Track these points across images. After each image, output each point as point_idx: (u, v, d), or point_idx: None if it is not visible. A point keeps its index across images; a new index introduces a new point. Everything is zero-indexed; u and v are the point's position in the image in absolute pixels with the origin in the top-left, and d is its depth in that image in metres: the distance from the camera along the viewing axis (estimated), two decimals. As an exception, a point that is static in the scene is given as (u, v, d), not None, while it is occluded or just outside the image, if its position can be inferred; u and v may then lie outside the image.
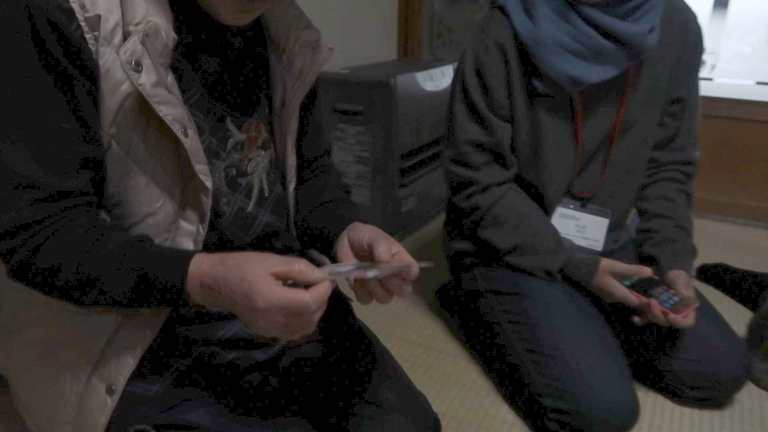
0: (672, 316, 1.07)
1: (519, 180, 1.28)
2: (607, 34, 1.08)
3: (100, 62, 0.65)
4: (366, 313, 0.99)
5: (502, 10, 1.18)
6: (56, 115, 0.64)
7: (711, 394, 1.19)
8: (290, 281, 0.63)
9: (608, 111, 1.21)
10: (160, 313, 0.76)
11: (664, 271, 1.18)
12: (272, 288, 0.61)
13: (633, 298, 1.11)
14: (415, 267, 0.69)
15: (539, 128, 1.20)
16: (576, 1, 1.08)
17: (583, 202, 1.27)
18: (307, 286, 0.63)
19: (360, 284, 0.71)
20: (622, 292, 1.12)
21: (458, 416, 1.21)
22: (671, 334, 1.18)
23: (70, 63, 0.63)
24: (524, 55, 1.15)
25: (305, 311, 0.62)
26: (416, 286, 1.73)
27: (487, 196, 1.24)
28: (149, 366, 0.77)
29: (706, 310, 1.22)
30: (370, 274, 0.64)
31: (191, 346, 0.81)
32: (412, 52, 2.71)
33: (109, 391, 0.74)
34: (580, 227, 1.26)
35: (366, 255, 0.75)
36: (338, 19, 2.27)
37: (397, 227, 2.07)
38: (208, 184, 0.72)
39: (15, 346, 0.82)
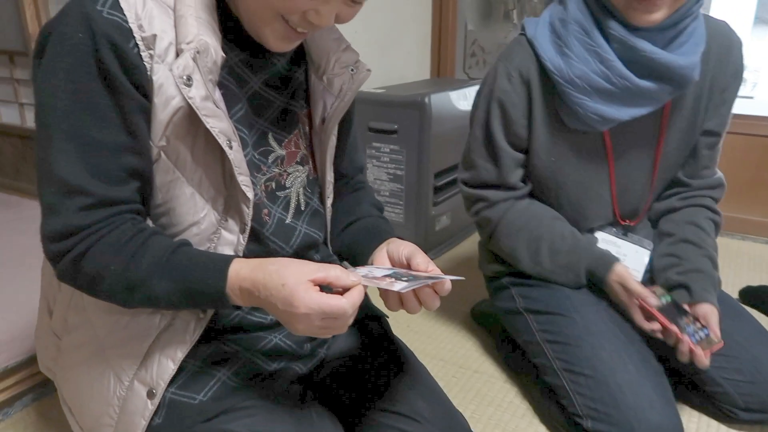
0: (698, 353, 1.04)
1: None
2: (649, 70, 1.03)
3: (154, 78, 0.69)
4: (400, 331, 1.00)
5: (530, 42, 1.14)
6: (109, 128, 0.68)
7: (765, 417, 1.15)
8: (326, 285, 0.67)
9: (645, 146, 1.18)
10: (200, 319, 0.78)
11: (695, 301, 1.13)
12: (312, 294, 0.65)
13: (658, 321, 1.08)
14: (447, 281, 0.72)
15: (564, 165, 1.18)
16: (628, 26, 1.01)
17: (625, 230, 1.25)
18: (342, 290, 0.67)
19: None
20: (634, 310, 1.11)
21: (494, 437, 1.19)
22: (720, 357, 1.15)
23: (125, 78, 0.67)
24: (550, 89, 1.13)
25: (342, 315, 0.66)
26: (451, 304, 1.72)
27: (497, 210, 1.23)
28: (194, 376, 0.79)
29: (757, 331, 1.19)
30: (398, 287, 0.67)
31: (234, 357, 0.82)
32: (445, 72, 2.73)
33: (150, 395, 0.77)
34: (621, 255, 1.24)
35: (403, 267, 0.78)
36: (374, 39, 2.30)
37: (430, 245, 2.07)
38: (250, 194, 0.75)
39: (64, 348, 0.85)
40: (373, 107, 1.99)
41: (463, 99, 2.10)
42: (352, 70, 0.86)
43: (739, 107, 2.21)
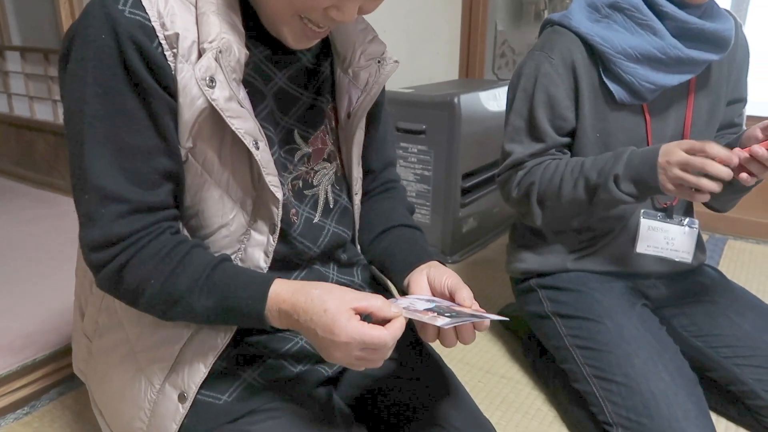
0: None
1: None
2: (694, 39, 1.08)
3: (179, 78, 0.67)
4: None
5: (563, 25, 1.17)
6: (140, 130, 0.67)
7: None
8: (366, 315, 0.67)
9: (677, 116, 1.19)
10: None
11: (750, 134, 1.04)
12: (354, 324, 0.64)
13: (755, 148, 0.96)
14: (487, 321, 0.71)
15: (609, 138, 1.17)
16: (675, 3, 1.07)
17: (667, 212, 1.22)
18: (383, 320, 0.66)
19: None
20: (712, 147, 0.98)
21: (521, 445, 1.16)
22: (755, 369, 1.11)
23: (152, 79, 0.66)
24: (595, 64, 1.14)
25: (382, 347, 0.65)
26: (476, 308, 1.69)
27: (533, 171, 1.18)
28: (220, 376, 0.78)
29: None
30: (440, 322, 0.66)
31: (260, 358, 0.81)
32: (474, 73, 2.70)
33: (181, 398, 0.76)
34: (669, 239, 1.21)
35: (444, 298, 0.78)
36: (403, 39, 2.29)
37: (457, 247, 2.04)
38: (279, 195, 0.73)
39: (95, 351, 0.85)
40: (402, 107, 1.98)
41: (493, 100, 2.07)
42: (379, 62, 0.84)
43: (760, 109, 2.15)
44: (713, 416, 1.20)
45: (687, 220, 1.21)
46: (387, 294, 0.96)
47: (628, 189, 1.06)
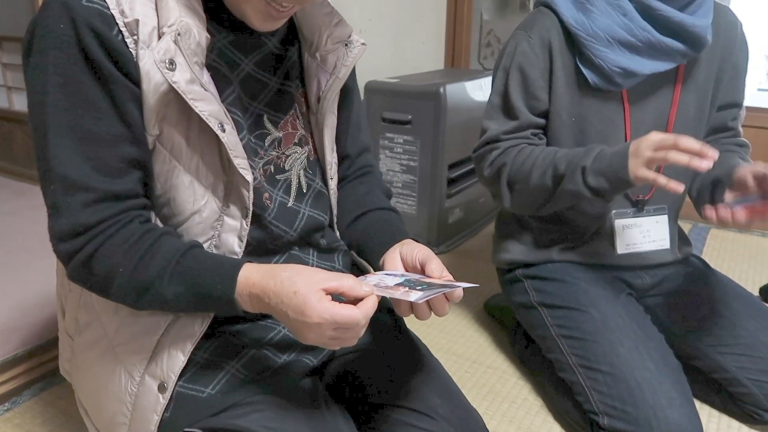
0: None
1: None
2: (666, 29, 1.06)
3: (141, 64, 0.67)
4: (413, 324, 0.97)
5: (548, 6, 1.16)
6: (103, 119, 0.67)
7: None
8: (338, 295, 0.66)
9: (659, 109, 1.17)
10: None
11: (727, 182, 1.05)
12: (325, 304, 0.64)
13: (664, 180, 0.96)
14: (460, 289, 0.71)
15: (585, 124, 1.16)
16: None
17: (640, 206, 1.22)
18: (355, 300, 0.66)
19: None
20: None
21: (508, 434, 1.16)
22: (745, 359, 1.12)
23: (113, 66, 0.66)
24: (572, 47, 1.13)
25: (355, 326, 0.65)
26: (464, 298, 1.68)
27: (508, 152, 1.17)
28: (202, 369, 0.78)
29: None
30: (413, 297, 0.67)
31: (243, 348, 0.81)
32: (460, 62, 2.69)
33: (161, 388, 0.75)
34: (644, 232, 1.22)
35: (416, 272, 0.78)
36: (388, 28, 2.27)
37: (443, 238, 2.04)
38: (248, 177, 0.74)
39: (77, 348, 0.84)
40: (387, 97, 1.96)
41: (479, 89, 2.07)
42: (346, 45, 0.84)
43: (758, 100, 2.17)
44: (697, 404, 1.22)
45: (656, 209, 1.22)
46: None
47: (595, 182, 1.04)
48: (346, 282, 0.66)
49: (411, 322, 0.94)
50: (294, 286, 0.65)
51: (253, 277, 0.68)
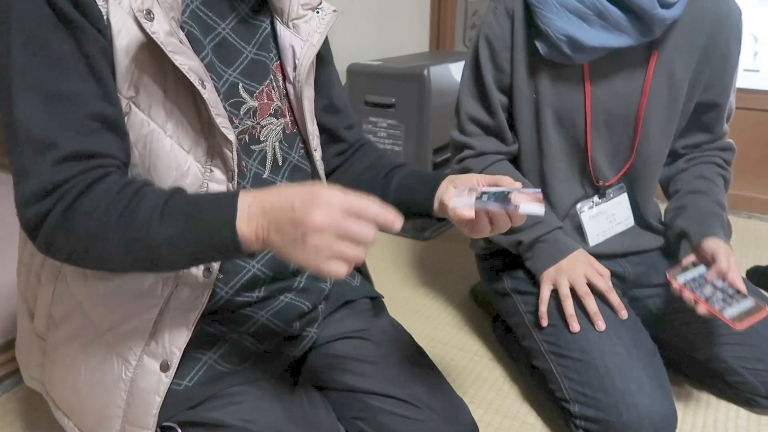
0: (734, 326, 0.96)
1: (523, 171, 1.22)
2: (616, 1, 1.02)
3: (113, 21, 0.64)
4: (397, 312, 0.95)
5: None
6: (71, 74, 0.63)
7: None
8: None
9: (628, 96, 1.13)
10: (205, 280, 0.73)
11: (695, 242, 1.08)
12: (336, 190, 0.59)
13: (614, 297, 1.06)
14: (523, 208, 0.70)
15: (542, 102, 1.13)
16: None
17: (600, 192, 1.20)
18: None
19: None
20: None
21: (495, 423, 1.14)
22: (741, 344, 1.11)
23: (81, 17, 0.62)
24: (530, 17, 1.10)
25: (366, 213, 0.59)
26: (449, 285, 1.67)
27: (480, 161, 1.18)
28: (180, 360, 0.74)
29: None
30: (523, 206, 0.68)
31: (221, 339, 0.78)
32: (445, 44, 2.64)
33: (164, 367, 0.72)
34: (610, 216, 1.20)
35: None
36: (371, 10, 2.22)
37: (429, 223, 2.01)
38: (231, 136, 0.71)
39: (51, 347, 0.79)
40: (370, 80, 1.92)
41: (464, 72, 2.03)
42: (317, 11, 0.84)
43: (746, 80, 2.15)
44: (694, 390, 1.21)
45: (615, 190, 1.21)
46: (360, 271, 0.94)
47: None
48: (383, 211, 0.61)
49: (396, 311, 0.93)
50: (303, 186, 0.61)
51: (253, 193, 0.63)
